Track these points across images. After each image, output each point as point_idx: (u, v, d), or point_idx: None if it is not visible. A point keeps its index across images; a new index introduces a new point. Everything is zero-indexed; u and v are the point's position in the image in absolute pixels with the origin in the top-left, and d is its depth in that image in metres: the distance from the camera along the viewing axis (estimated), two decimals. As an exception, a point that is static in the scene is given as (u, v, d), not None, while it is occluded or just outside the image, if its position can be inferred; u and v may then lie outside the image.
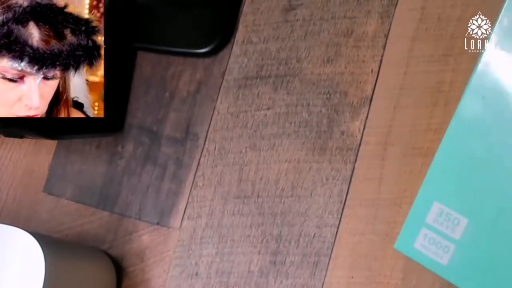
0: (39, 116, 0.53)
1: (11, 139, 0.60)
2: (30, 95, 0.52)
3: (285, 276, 0.51)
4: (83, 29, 0.53)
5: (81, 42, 0.52)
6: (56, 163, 0.59)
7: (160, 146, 0.57)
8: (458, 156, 0.45)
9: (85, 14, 0.54)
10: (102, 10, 0.56)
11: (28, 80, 0.51)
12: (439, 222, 0.45)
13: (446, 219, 0.45)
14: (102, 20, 0.55)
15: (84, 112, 0.55)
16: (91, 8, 0.56)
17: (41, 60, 0.51)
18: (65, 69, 0.52)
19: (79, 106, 0.55)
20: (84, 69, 0.53)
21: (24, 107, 0.52)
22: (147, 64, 0.59)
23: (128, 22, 0.59)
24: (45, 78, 0.52)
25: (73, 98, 0.55)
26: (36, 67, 0.51)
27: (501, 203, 0.44)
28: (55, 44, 0.52)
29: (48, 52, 0.51)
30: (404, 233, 0.46)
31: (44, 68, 0.51)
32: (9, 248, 0.45)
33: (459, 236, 0.44)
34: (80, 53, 0.52)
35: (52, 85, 0.52)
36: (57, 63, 0.51)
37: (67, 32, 0.53)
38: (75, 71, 0.52)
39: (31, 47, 0.50)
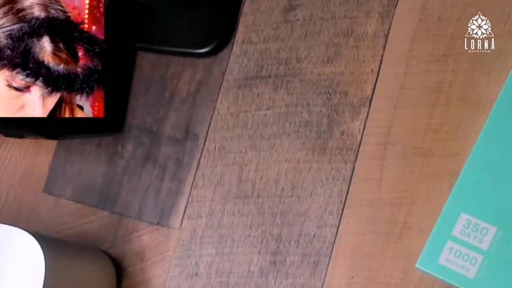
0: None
1: (11, 139, 0.60)
2: (34, 105, 0.51)
3: (285, 276, 0.51)
4: (97, 50, 0.51)
5: (96, 66, 0.51)
6: (56, 163, 0.59)
7: (160, 146, 0.57)
8: (487, 166, 0.45)
9: (100, 33, 0.52)
10: (102, 10, 0.56)
11: (34, 90, 0.51)
12: (466, 234, 0.44)
13: (474, 229, 0.44)
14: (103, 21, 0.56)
15: (85, 114, 0.55)
16: (91, 8, 0.56)
17: (55, 82, 0.49)
18: (78, 93, 0.51)
19: (82, 109, 0.55)
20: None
21: (26, 115, 0.52)
22: (147, 64, 0.59)
23: (128, 22, 0.59)
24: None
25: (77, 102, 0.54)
26: (49, 89, 0.49)
27: None
28: (69, 66, 0.50)
29: (63, 74, 0.50)
30: (427, 249, 0.45)
31: (57, 90, 0.50)
32: (9, 248, 0.45)
33: (487, 247, 0.44)
34: (95, 78, 0.51)
35: (57, 95, 0.52)
36: (72, 87, 0.50)
37: (81, 51, 0.51)
38: (87, 96, 0.51)
39: (47, 67, 0.49)
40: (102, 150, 0.58)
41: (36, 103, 0.51)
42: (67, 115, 0.54)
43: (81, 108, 0.55)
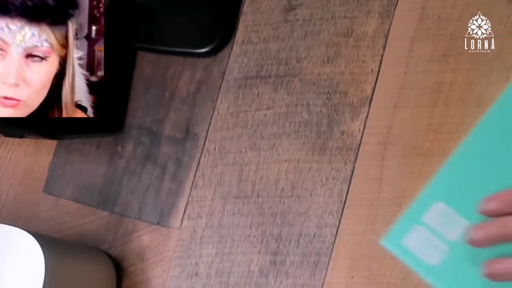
0: (22, 101, 0.51)
1: (11, 139, 0.60)
2: (7, 72, 0.50)
3: (285, 276, 0.51)
4: None
5: None
6: (56, 163, 0.59)
7: (160, 146, 0.57)
8: (474, 161, 0.45)
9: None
10: (102, 10, 0.56)
11: (9, 55, 0.50)
12: (438, 222, 0.45)
13: (446, 218, 0.44)
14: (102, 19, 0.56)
15: (88, 115, 0.55)
16: (91, 8, 0.56)
17: (29, 13, 0.48)
18: (52, 22, 0.50)
19: (82, 109, 0.55)
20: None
21: (2, 86, 0.51)
22: (147, 64, 0.59)
23: (128, 22, 0.59)
24: (30, 56, 0.51)
25: (76, 102, 0.54)
26: (22, 21, 0.48)
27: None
28: None
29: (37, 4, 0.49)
30: (395, 229, 0.45)
31: (33, 21, 0.48)
32: (9, 248, 0.45)
33: (455, 238, 0.44)
34: (67, 9, 0.50)
35: (40, 70, 0.51)
36: (45, 16, 0.49)
37: None
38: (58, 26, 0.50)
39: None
40: (102, 150, 0.58)
41: (10, 69, 0.50)
42: (66, 115, 0.53)
43: (84, 110, 0.54)
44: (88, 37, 0.56)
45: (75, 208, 0.58)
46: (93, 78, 0.56)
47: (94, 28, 0.56)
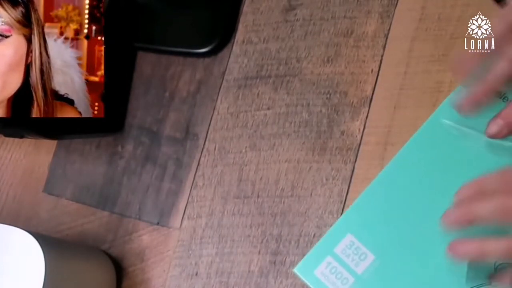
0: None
1: (11, 139, 0.60)
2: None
3: (285, 276, 0.51)
4: None
5: None
6: (56, 163, 0.59)
7: (160, 146, 0.57)
8: (386, 195, 0.47)
9: None
10: (102, 10, 0.56)
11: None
12: (346, 254, 0.46)
13: (354, 252, 0.46)
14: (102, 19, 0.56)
15: (75, 108, 0.55)
16: (91, 8, 0.56)
17: None
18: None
19: (69, 102, 0.55)
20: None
21: None
22: (147, 64, 0.59)
23: (128, 22, 0.59)
24: None
25: (61, 94, 0.54)
26: None
27: (411, 251, 0.45)
28: None
29: None
30: (308, 258, 0.47)
31: None
32: (9, 248, 0.45)
33: (361, 271, 0.45)
34: None
35: (1, 50, 0.51)
36: None
37: None
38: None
39: None
40: (102, 150, 0.58)
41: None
42: (41, 104, 0.53)
43: (71, 103, 0.54)
44: (88, 37, 0.56)
45: (75, 208, 0.58)
46: (93, 78, 0.56)
47: (94, 28, 0.56)
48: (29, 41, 0.52)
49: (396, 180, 0.47)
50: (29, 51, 0.52)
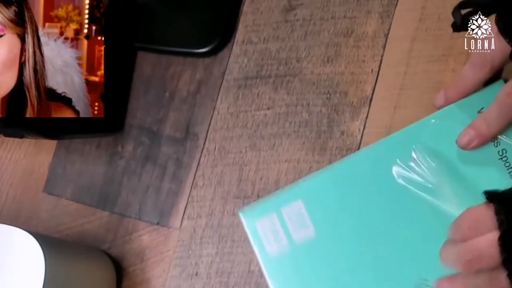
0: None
1: (11, 139, 0.60)
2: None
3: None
4: None
5: None
6: (56, 163, 0.59)
7: (160, 146, 0.57)
8: (348, 180, 0.47)
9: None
10: (102, 10, 0.56)
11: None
12: (290, 217, 0.46)
13: (298, 219, 0.46)
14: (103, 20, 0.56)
15: (73, 107, 0.55)
16: (91, 8, 0.56)
17: None
18: None
19: (66, 101, 0.55)
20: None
21: None
22: (147, 64, 0.59)
23: (128, 22, 0.59)
24: None
25: (59, 93, 0.54)
26: None
27: (351, 241, 0.45)
28: None
29: None
30: (255, 206, 0.47)
31: None
32: (9, 248, 0.45)
33: (297, 239, 0.46)
34: None
35: None
36: None
37: None
38: None
39: None
40: (102, 150, 0.58)
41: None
42: (35, 102, 0.53)
43: (68, 102, 0.54)
44: (88, 37, 0.56)
45: (75, 208, 0.58)
46: (93, 78, 0.56)
47: (94, 28, 0.56)
48: (22, 40, 0.52)
49: (366, 167, 0.47)
50: (23, 50, 0.53)
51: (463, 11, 0.44)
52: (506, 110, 0.44)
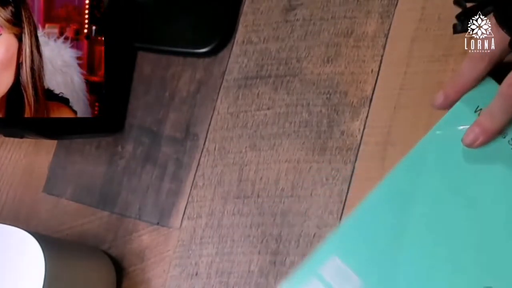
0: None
1: (11, 139, 0.60)
2: None
3: (285, 276, 0.51)
4: None
5: None
6: (56, 163, 0.59)
7: (160, 146, 0.57)
8: (374, 220, 0.46)
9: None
10: (102, 10, 0.56)
11: None
12: (331, 275, 0.45)
13: (340, 273, 0.45)
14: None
15: (71, 108, 0.55)
16: (91, 8, 0.56)
17: None
18: None
19: (64, 101, 0.55)
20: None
21: None
22: (147, 64, 0.59)
23: (128, 22, 0.59)
24: None
25: (56, 93, 0.54)
26: None
27: (396, 275, 0.44)
28: None
29: None
30: (294, 277, 0.46)
31: None
32: (9, 248, 0.45)
33: None
34: None
35: None
36: None
37: None
38: None
39: None
40: (102, 150, 0.58)
41: None
42: (32, 101, 0.53)
43: (66, 102, 0.54)
44: (88, 37, 0.56)
45: (75, 208, 0.58)
46: (93, 78, 0.56)
47: (94, 28, 0.56)
48: (20, 40, 0.53)
49: (385, 203, 0.46)
50: (20, 50, 0.53)
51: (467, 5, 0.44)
52: (509, 102, 0.43)
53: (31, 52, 0.53)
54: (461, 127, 0.45)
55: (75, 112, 0.55)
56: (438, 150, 0.46)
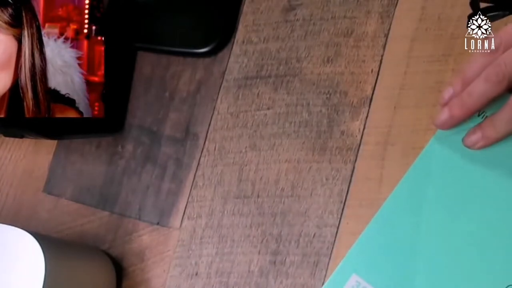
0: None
1: (11, 139, 0.60)
2: None
3: (285, 276, 0.51)
4: None
5: None
6: (56, 163, 0.59)
7: (160, 146, 0.57)
8: (388, 233, 0.46)
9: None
10: (102, 10, 0.56)
11: None
12: None
13: None
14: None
15: (77, 108, 0.55)
16: (91, 8, 0.56)
17: None
18: None
19: (70, 102, 0.55)
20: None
21: None
22: (147, 64, 0.59)
23: (128, 22, 0.59)
24: None
25: (62, 94, 0.54)
26: None
27: (417, 285, 0.44)
28: None
29: None
30: None
31: None
32: (9, 248, 0.45)
33: None
34: None
35: None
36: None
37: None
38: None
39: None
40: (102, 150, 0.58)
41: None
42: (31, 102, 0.53)
43: (72, 103, 0.54)
44: (88, 37, 0.56)
45: (75, 208, 0.58)
46: (93, 78, 0.56)
47: (94, 28, 0.56)
48: (19, 41, 0.52)
49: (397, 215, 0.46)
50: (19, 52, 0.53)
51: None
52: None
53: (32, 54, 0.53)
54: (465, 130, 0.45)
55: (81, 113, 0.55)
56: (443, 155, 0.46)
